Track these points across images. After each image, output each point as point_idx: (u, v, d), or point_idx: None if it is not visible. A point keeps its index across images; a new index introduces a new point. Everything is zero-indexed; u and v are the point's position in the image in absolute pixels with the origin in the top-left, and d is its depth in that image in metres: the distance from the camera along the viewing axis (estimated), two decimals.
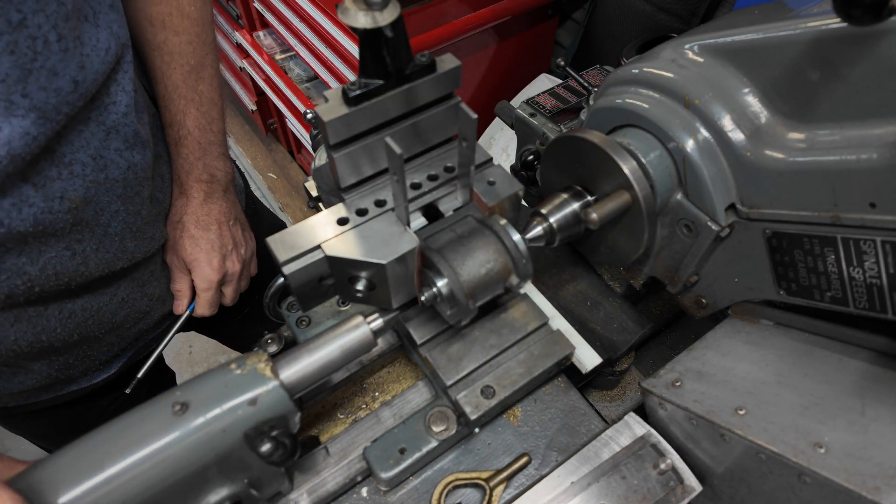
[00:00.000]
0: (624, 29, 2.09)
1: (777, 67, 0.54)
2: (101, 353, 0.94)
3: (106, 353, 0.95)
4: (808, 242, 0.57)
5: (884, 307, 0.53)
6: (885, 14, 0.39)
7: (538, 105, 1.02)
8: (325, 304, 0.77)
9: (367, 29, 0.47)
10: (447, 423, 0.64)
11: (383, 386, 0.74)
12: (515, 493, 0.63)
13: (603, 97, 0.69)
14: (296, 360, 0.52)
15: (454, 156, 0.65)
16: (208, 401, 0.47)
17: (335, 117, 0.52)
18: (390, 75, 0.53)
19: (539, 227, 0.66)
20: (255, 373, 0.50)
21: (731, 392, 0.61)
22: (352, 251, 0.55)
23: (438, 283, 0.57)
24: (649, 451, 0.65)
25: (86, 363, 0.93)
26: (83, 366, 0.93)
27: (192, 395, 0.48)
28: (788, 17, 0.53)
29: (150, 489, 0.45)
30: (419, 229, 0.63)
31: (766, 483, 0.56)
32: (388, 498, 0.65)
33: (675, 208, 0.65)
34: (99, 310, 0.86)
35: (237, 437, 0.48)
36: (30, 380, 0.87)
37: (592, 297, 0.82)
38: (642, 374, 0.89)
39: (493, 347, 0.66)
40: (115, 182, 0.77)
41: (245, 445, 0.49)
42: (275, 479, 0.57)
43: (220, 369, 0.50)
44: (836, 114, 0.52)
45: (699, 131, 0.60)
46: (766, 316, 0.69)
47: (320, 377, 0.53)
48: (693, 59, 0.61)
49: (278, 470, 0.55)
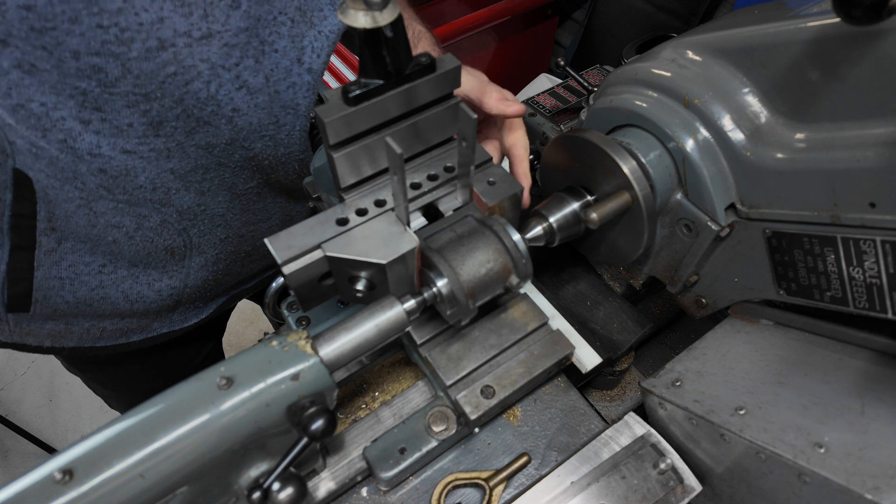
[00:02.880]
0: (624, 29, 2.09)
1: (777, 67, 0.54)
2: (229, 280, 1.00)
3: (228, 282, 1.01)
4: (808, 242, 0.57)
5: (883, 307, 0.53)
6: (885, 14, 0.39)
7: (538, 105, 1.02)
8: (324, 303, 0.77)
9: (366, 29, 0.47)
10: (447, 423, 0.64)
11: (383, 386, 0.74)
12: (515, 492, 0.63)
13: (603, 97, 0.69)
14: (334, 338, 0.53)
15: (454, 156, 0.65)
16: (253, 375, 0.49)
17: (335, 117, 0.52)
18: (390, 75, 0.53)
19: (539, 227, 0.66)
20: (297, 349, 0.51)
21: (731, 392, 0.61)
22: (352, 251, 0.56)
23: (438, 282, 0.57)
24: (649, 451, 0.65)
25: (217, 287, 0.99)
26: (214, 289, 0.99)
27: (237, 370, 0.49)
28: (788, 17, 0.53)
29: (196, 461, 0.46)
30: (419, 229, 0.63)
31: (766, 483, 0.56)
32: (388, 498, 0.65)
33: (675, 208, 0.65)
34: (260, 214, 0.92)
35: (280, 412, 0.50)
36: (169, 285, 0.90)
37: (592, 297, 0.82)
38: (642, 374, 0.89)
39: (493, 347, 0.66)
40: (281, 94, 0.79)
41: (287, 420, 0.50)
42: (311, 456, 0.58)
43: (261, 345, 0.52)
44: (836, 114, 0.52)
45: (699, 131, 0.60)
46: (766, 316, 0.69)
47: (356, 355, 0.54)
48: (693, 59, 0.61)
49: (314, 446, 0.56)
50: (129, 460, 0.44)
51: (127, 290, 0.86)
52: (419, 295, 0.57)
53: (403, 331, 0.56)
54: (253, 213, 0.92)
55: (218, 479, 0.51)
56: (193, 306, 1.01)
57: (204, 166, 0.76)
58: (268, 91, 0.74)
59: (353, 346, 0.53)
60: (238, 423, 0.48)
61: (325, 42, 0.76)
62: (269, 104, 0.75)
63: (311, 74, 0.77)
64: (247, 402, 0.48)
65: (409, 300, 0.56)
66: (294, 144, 0.83)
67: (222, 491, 0.52)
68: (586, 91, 0.96)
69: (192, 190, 0.78)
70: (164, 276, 0.88)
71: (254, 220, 0.93)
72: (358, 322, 0.54)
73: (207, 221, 0.85)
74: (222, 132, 0.73)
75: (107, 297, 0.84)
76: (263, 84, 0.73)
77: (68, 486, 0.42)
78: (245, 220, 0.91)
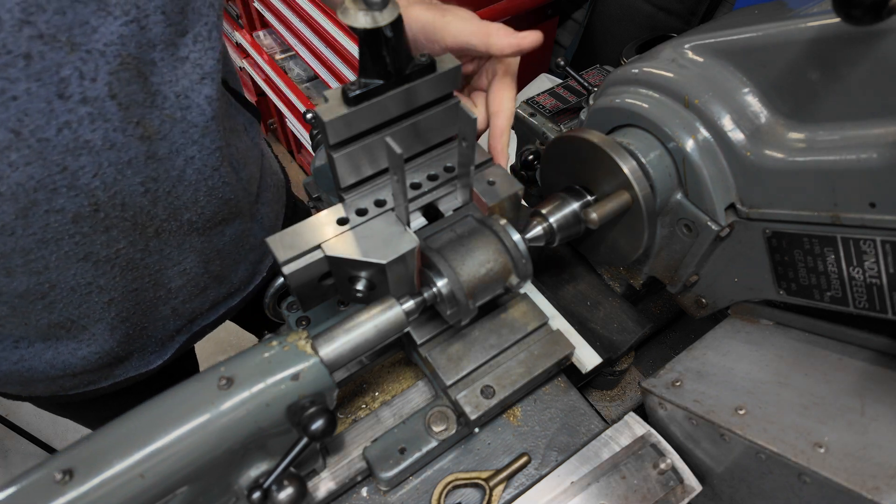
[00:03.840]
0: (624, 29, 2.09)
1: (777, 67, 0.54)
2: (157, 327, 0.91)
3: (161, 329, 0.92)
4: (808, 242, 0.57)
5: (884, 307, 0.53)
6: (885, 14, 0.39)
7: (538, 105, 1.02)
8: (324, 303, 0.77)
9: (366, 29, 0.47)
10: (447, 423, 0.64)
11: (383, 386, 0.74)
12: (515, 492, 0.63)
13: (603, 97, 0.69)
14: (334, 338, 0.53)
15: (454, 156, 0.65)
16: (253, 375, 0.49)
17: (335, 117, 0.52)
18: (390, 75, 0.53)
19: (539, 227, 0.66)
20: (297, 349, 0.51)
21: (731, 392, 0.61)
22: (352, 251, 0.56)
23: (438, 282, 0.57)
24: (649, 451, 0.65)
25: (143, 337, 0.90)
26: (140, 340, 0.90)
27: (237, 370, 0.49)
28: (788, 17, 0.53)
29: (196, 462, 0.47)
30: (419, 229, 0.63)
31: (765, 483, 0.56)
32: (388, 498, 0.65)
33: (675, 208, 0.65)
34: (157, 266, 0.81)
35: (280, 412, 0.50)
36: (92, 352, 0.83)
37: (592, 297, 0.82)
38: (642, 374, 0.89)
39: (492, 347, 0.66)
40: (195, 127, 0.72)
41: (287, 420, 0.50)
42: (311, 456, 0.58)
43: (261, 345, 0.52)
44: (836, 114, 0.52)
45: (699, 131, 0.60)
46: (766, 316, 0.69)
47: (355, 355, 0.54)
48: (693, 59, 0.61)
49: (314, 446, 0.56)
50: (129, 460, 0.44)
51: (51, 360, 0.80)
52: (418, 295, 0.57)
53: (402, 331, 0.56)
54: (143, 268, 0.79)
55: (218, 479, 0.51)
56: (145, 353, 0.93)
57: (22, 248, 0.65)
58: (29, 144, 0.59)
59: (352, 347, 0.53)
60: (238, 424, 0.48)
61: (99, 61, 0.59)
62: (38, 157, 0.60)
63: (92, 104, 0.61)
64: (247, 402, 0.48)
65: (409, 301, 0.56)
66: (121, 182, 0.68)
67: (222, 491, 0.52)
68: (586, 91, 0.96)
69: (16, 273, 0.67)
70: (82, 344, 0.81)
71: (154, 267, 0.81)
72: (357, 323, 0.54)
73: (68, 294, 0.73)
74: (5, 210, 0.61)
75: (34, 368, 0.80)
76: (13, 140, 0.58)
77: (68, 486, 0.42)
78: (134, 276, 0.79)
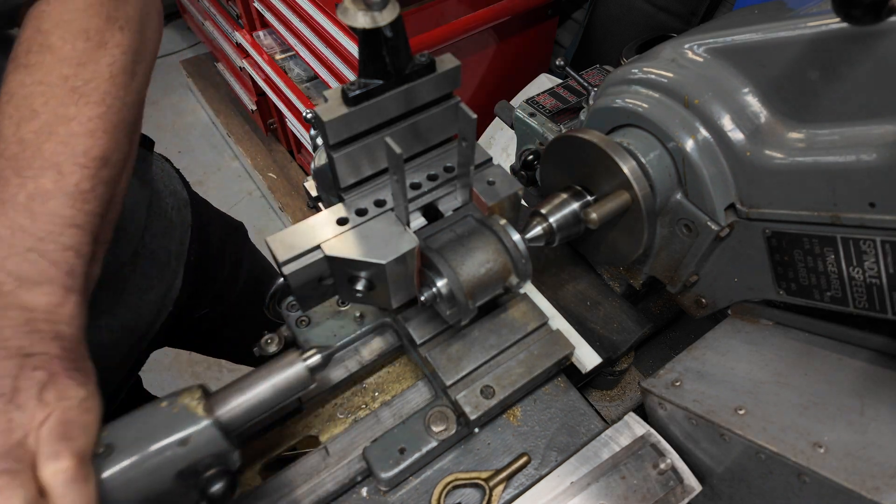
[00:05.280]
0: (624, 29, 2.09)
1: (777, 67, 0.54)
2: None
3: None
4: (808, 242, 0.57)
5: (883, 307, 0.53)
6: (884, 14, 0.39)
7: (538, 105, 1.02)
8: (324, 303, 0.77)
9: (366, 29, 0.47)
10: (447, 423, 0.64)
11: (383, 386, 0.74)
12: (515, 492, 0.63)
13: (603, 97, 0.69)
14: (228, 399, 0.51)
15: (454, 156, 0.65)
16: (135, 442, 0.46)
17: (335, 117, 0.52)
18: (390, 75, 0.53)
19: (539, 227, 0.66)
20: (187, 411, 0.48)
21: (731, 392, 0.61)
22: (351, 251, 0.55)
23: (438, 282, 0.57)
24: (649, 451, 0.65)
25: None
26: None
27: (118, 435, 0.47)
28: (788, 17, 0.53)
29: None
30: (419, 229, 0.63)
31: (765, 483, 0.56)
32: (388, 498, 0.65)
33: (675, 208, 0.65)
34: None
35: (169, 478, 0.47)
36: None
37: (592, 297, 0.82)
38: (642, 374, 0.89)
39: (492, 347, 0.66)
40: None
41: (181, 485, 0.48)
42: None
43: (150, 407, 0.49)
44: (836, 114, 0.52)
45: (699, 131, 0.60)
46: (766, 316, 0.69)
47: (251, 417, 0.52)
48: (693, 59, 0.61)
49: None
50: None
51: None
52: (326, 348, 0.55)
53: (306, 389, 0.54)
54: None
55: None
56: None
57: None
58: None
59: (246, 408, 0.51)
60: (118, 492, 0.45)
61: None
62: None
63: None
64: (127, 470, 0.45)
65: (314, 356, 0.54)
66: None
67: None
68: (586, 91, 0.96)
69: None
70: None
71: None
72: (254, 381, 0.52)
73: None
74: None
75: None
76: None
77: None
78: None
